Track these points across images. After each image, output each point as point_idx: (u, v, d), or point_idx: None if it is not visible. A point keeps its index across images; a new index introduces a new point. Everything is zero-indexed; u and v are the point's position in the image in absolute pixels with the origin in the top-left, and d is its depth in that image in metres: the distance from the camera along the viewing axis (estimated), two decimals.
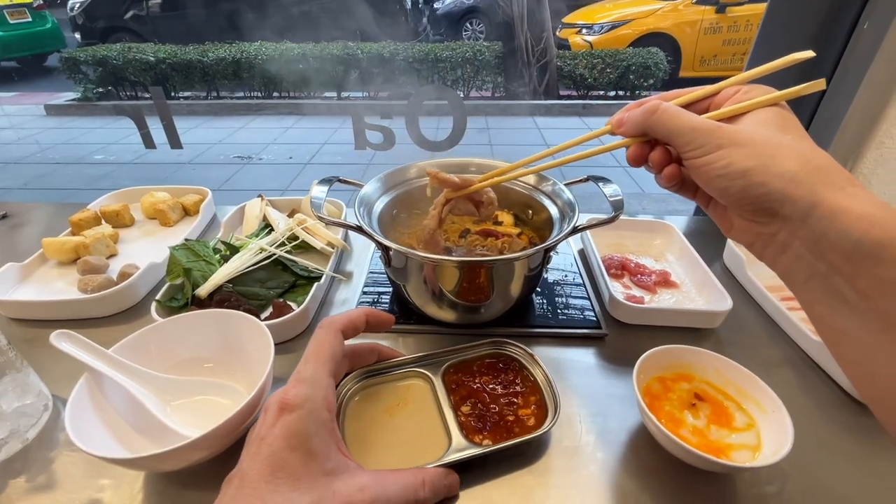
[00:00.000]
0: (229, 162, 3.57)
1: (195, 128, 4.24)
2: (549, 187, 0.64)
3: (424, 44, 5.01)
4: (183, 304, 0.61)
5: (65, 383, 0.52)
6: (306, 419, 0.31)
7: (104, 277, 0.66)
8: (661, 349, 0.49)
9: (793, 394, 0.54)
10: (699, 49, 4.91)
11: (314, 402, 0.32)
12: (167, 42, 5.07)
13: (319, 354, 0.35)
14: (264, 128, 4.31)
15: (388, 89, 4.82)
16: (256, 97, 4.92)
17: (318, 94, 4.94)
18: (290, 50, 4.76)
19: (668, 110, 0.34)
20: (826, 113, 0.85)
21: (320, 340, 0.36)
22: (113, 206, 0.83)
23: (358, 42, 4.97)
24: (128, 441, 0.44)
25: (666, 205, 2.85)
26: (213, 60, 4.74)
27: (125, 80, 4.82)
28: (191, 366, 0.50)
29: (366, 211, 0.60)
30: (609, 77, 4.57)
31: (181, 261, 0.62)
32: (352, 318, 0.40)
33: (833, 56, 0.82)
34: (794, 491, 0.44)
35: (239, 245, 0.69)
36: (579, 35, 5.26)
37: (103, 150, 3.79)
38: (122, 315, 0.65)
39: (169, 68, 4.76)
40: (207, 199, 0.87)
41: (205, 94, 4.96)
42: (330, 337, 0.37)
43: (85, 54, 4.72)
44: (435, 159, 0.68)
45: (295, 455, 0.30)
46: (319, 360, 0.35)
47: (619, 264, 0.71)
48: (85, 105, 4.61)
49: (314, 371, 0.34)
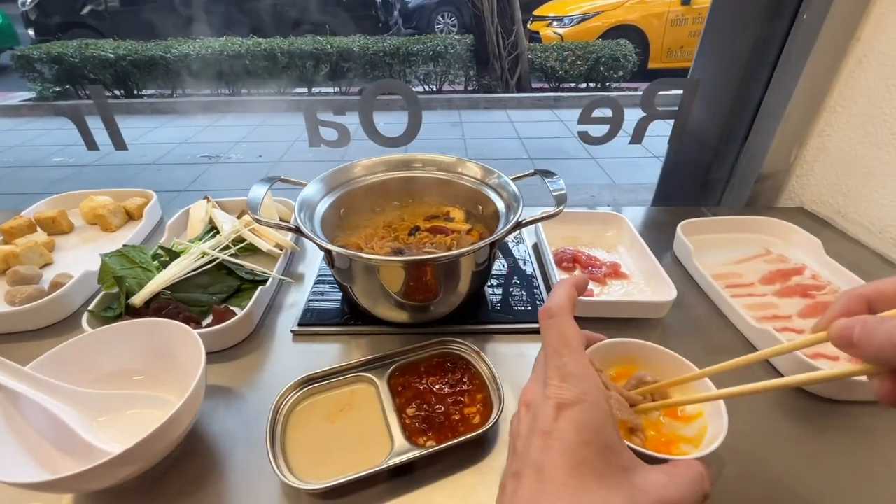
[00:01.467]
0: (196, 162, 3.46)
1: (160, 126, 4.10)
2: (495, 180, 0.64)
3: (395, 37, 4.96)
4: (118, 313, 0.58)
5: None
6: (591, 411, 0.28)
7: (34, 288, 0.63)
8: (606, 343, 0.47)
9: (733, 380, 0.55)
10: (666, 41, 4.99)
11: (594, 394, 0.28)
12: (127, 38, 4.88)
13: (572, 344, 0.30)
14: (232, 126, 4.19)
15: (359, 84, 4.76)
16: (223, 94, 4.79)
17: (288, 90, 4.83)
18: (258, 45, 4.64)
19: None
20: (771, 101, 0.87)
21: (563, 330, 0.31)
22: (48, 213, 0.79)
23: (327, 36, 4.88)
24: (51, 463, 0.42)
25: (636, 195, 2.90)
26: (177, 57, 4.58)
27: (84, 79, 4.62)
28: (119, 379, 0.48)
29: (307, 213, 0.58)
30: (580, 69, 4.61)
31: (114, 268, 0.59)
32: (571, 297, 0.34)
33: (776, 46, 0.84)
34: (729, 476, 0.44)
35: (180, 250, 0.66)
36: (550, 27, 5.28)
37: (62, 151, 3.64)
38: (55, 328, 0.61)
39: (130, 65, 4.59)
40: (152, 203, 0.84)
41: (170, 93, 4.80)
42: (569, 323, 0.32)
43: (39, 52, 4.51)
44: (379, 157, 0.66)
45: (591, 450, 0.27)
46: (574, 349, 0.30)
47: (570, 257, 0.71)
48: (40, 105, 4.40)
49: (576, 363, 0.30)
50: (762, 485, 0.44)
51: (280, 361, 0.58)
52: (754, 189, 0.91)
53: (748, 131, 0.91)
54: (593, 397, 0.28)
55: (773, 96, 0.85)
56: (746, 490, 0.43)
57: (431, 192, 0.69)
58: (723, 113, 0.93)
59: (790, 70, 0.82)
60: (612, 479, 0.27)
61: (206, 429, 0.49)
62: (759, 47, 0.85)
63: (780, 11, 0.81)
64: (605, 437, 0.27)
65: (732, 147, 0.94)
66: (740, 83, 0.89)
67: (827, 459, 0.46)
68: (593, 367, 0.31)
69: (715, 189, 1.00)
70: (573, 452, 0.27)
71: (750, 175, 0.91)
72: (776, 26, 0.82)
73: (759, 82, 0.87)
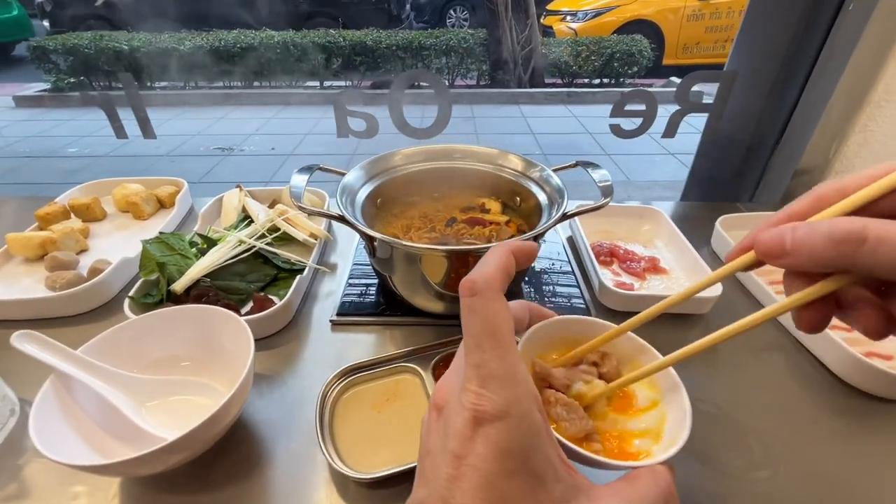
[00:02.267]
0: (209, 154, 3.48)
1: (172, 119, 4.12)
2: (538, 173, 0.63)
3: (408, 31, 4.93)
4: (158, 300, 0.58)
5: (34, 387, 0.50)
6: (517, 430, 0.22)
7: (73, 274, 0.63)
8: (546, 323, 0.35)
9: (782, 377, 0.54)
10: (682, 36, 4.93)
11: (521, 405, 0.22)
12: (142, 30, 4.89)
13: (496, 335, 0.23)
14: (245, 118, 4.20)
15: (372, 78, 4.74)
16: (236, 87, 4.80)
17: (300, 83, 4.83)
18: (270, 38, 4.63)
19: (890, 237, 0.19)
20: (811, 96, 0.85)
21: (487, 315, 0.23)
22: (82, 200, 0.79)
23: (340, 29, 4.87)
24: (101, 446, 0.42)
25: (651, 192, 2.87)
26: (191, 49, 4.59)
27: (98, 70, 4.65)
28: (166, 365, 0.48)
29: (349, 200, 0.57)
30: (594, 64, 4.56)
31: (155, 255, 0.59)
32: (502, 267, 0.26)
33: (818, 39, 0.81)
34: (787, 476, 0.43)
35: (216, 238, 0.66)
36: (564, 22, 5.23)
37: (77, 142, 3.66)
38: (94, 313, 0.62)
39: (144, 57, 4.60)
40: (183, 191, 0.84)
41: (182, 84, 4.81)
42: (498, 304, 0.24)
43: (54, 43, 4.53)
44: (419, 146, 0.66)
45: (515, 483, 0.21)
46: (501, 341, 0.23)
47: (608, 251, 0.70)
48: (57, 96, 4.43)
49: (501, 360, 0.23)
50: (814, 482, 0.43)
51: (319, 350, 0.58)
52: (790, 185, 0.89)
53: (785, 125, 0.89)
54: (521, 410, 0.22)
55: (814, 90, 0.83)
56: (800, 487, 0.42)
57: (469, 184, 0.68)
58: (759, 106, 0.91)
59: (833, 63, 0.80)
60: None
61: (251, 416, 0.49)
62: (801, 39, 0.83)
63: (823, 2, 0.79)
64: (534, 464, 0.22)
65: (768, 141, 0.92)
66: (778, 76, 0.87)
67: (877, 458, 0.45)
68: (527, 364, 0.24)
69: (748, 184, 0.98)
70: (491, 487, 0.21)
71: (786, 170, 0.89)
72: (819, 17, 0.80)
73: (799, 75, 0.85)
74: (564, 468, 0.23)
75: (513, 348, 0.23)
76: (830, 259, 0.20)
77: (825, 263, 0.21)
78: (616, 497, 0.23)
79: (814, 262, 0.21)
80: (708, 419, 0.49)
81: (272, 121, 4.13)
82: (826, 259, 0.20)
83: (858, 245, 0.19)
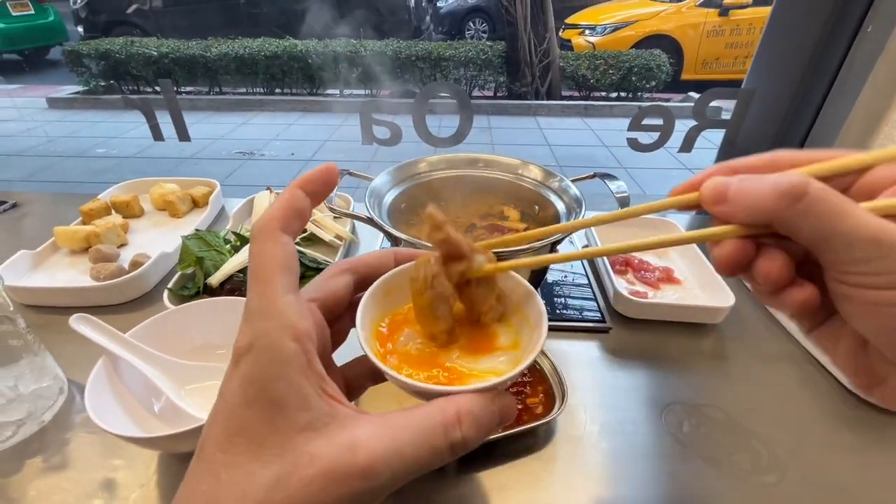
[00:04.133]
0: (231, 157, 3.57)
1: (197, 123, 4.24)
2: (557, 183, 0.65)
3: (427, 42, 5.02)
4: (194, 292, 0.62)
5: (76, 369, 0.54)
6: (261, 359, 0.22)
7: (116, 266, 0.67)
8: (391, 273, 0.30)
9: (793, 387, 0.55)
10: (701, 52, 4.93)
11: (269, 335, 0.22)
12: (170, 37, 5.07)
13: (259, 274, 0.24)
14: (267, 124, 4.31)
15: (391, 87, 4.83)
16: (258, 93, 4.93)
17: (321, 91, 4.94)
18: (294, 46, 4.76)
19: (827, 202, 0.20)
20: (829, 113, 0.86)
21: (254, 256, 0.24)
22: (123, 197, 0.84)
23: (361, 39, 4.98)
24: (143, 423, 0.45)
25: None
26: (217, 56, 4.74)
27: (127, 74, 4.82)
28: (204, 352, 0.51)
29: (376, 202, 0.61)
30: (612, 78, 4.58)
31: (193, 250, 0.62)
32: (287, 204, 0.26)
33: (836, 58, 0.83)
34: (793, 480, 0.45)
35: (249, 236, 0.69)
36: (582, 36, 5.27)
37: (105, 143, 3.79)
38: (133, 303, 0.66)
39: (172, 63, 4.76)
40: (216, 192, 0.88)
41: (207, 90, 4.96)
42: (267, 245, 0.24)
43: (87, 48, 4.72)
44: (444, 154, 0.69)
45: (254, 410, 0.21)
46: (261, 279, 0.23)
47: (623, 261, 0.72)
48: (88, 98, 4.60)
49: (260, 297, 0.23)
50: (821, 491, 0.44)
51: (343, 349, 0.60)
52: None
53: (802, 143, 0.90)
54: (267, 341, 0.22)
55: (832, 108, 0.85)
56: (807, 495, 0.44)
57: (489, 192, 0.71)
58: (776, 123, 0.92)
59: (851, 82, 0.81)
60: (273, 447, 0.21)
61: None
62: (819, 58, 0.85)
63: (842, 22, 0.80)
64: (277, 391, 0.21)
65: None
66: (796, 93, 0.89)
67: (887, 470, 0.46)
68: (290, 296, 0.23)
69: None
70: (232, 418, 0.21)
71: None
72: (838, 37, 0.82)
73: (817, 93, 0.86)
74: (319, 397, 0.22)
75: (273, 285, 0.23)
76: (767, 211, 0.21)
77: (758, 215, 0.21)
78: (373, 424, 0.22)
79: (748, 212, 0.22)
80: (717, 424, 0.50)
81: (292, 127, 4.23)
82: (762, 210, 0.21)
83: (797, 199, 0.20)
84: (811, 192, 0.20)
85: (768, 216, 0.21)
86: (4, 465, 0.45)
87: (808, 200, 0.20)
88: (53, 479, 0.44)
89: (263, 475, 0.20)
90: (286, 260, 0.24)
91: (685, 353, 0.60)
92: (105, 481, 0.44)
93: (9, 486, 0.43)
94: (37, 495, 0.43)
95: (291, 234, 0.25)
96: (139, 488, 0.43)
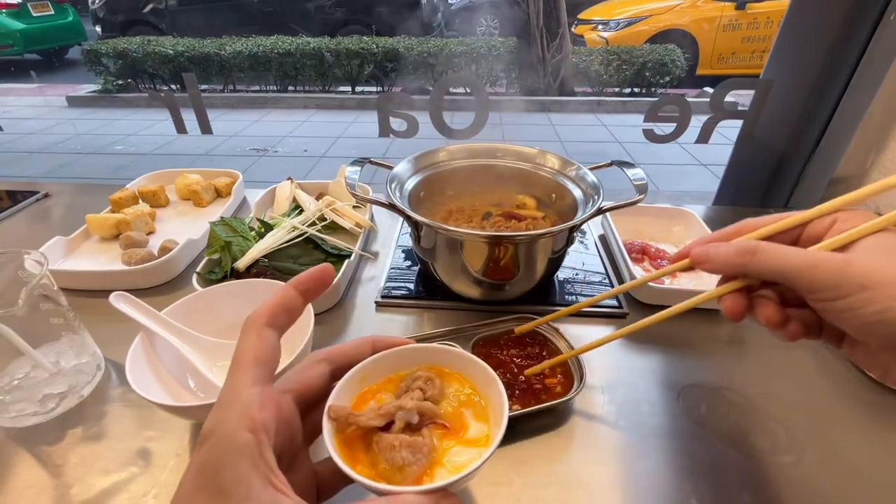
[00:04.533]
0: (245, 154, 3.62)
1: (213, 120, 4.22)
2: (574, 171, 0.66)
3: (439, 39, 5.03)
4: (221, 276, 0.64)
5: (111, 347, 0.56)
6: (215, 447, 0.23)
7: (146, 251, 0.69)
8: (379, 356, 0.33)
9: (810, 372, 0.55)
10: (717, 46, 4.86)
11: (226, 425, 0.24)
12: (185, 35, 5.15)
13: (236, 364, 0.26)
14: (280, 121, 4.36)
15: (403, 84, 4.85)
16: (272, 90, 4.98)
17: (333, 88, 4.97)
18: (306, 44, 4.80)
19: (772, 251, 0.29)
20: (849, 104, 0.85)
21: (238, 347, 0.27)
22: (150, 187, 0.86)
23: (373, 36, 5.00)
24: (177, 395, 0.48)
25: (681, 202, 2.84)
26: (231, 54, 4.80)
27: (144, 73, 4.91)
28: (234, 331, 0.52)
29: (397, 188, 0.62)
30: (625, 74, 4.55)
31: (221, 235, 0.65)
32: (277, 302, 0.29)
33: (858, 47, 0.82)
34: (811, 461, 0.45)
35: (273, 223, 0.72)
36: (595, 31, 5.23)
37: (123, 140, 3.87)
38: (162, 287, 0.68)
39: (187, 61, 4.83)
40: (239, 182, 0.90)
41: (222, 87, 5.02)
42: (250, 339, 0.27)
43: (106, 47, 4.81)
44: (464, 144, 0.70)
45: (202, 498, 0.23)
46: (236, 370, 0.26)
47: (639, 249, 0.73)
48: (105, 96, 4.70)
49: (230, 387, 0.26)
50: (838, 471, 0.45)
51: (365, 328, 0.62)
52: (825, 193, 0.89)
53: (821, 134, 0.90)
54: (225, 429, 0.24)
55: (852, 99, 0.84)
56: (824, 475, 0.44)
57: (508, 180, 0.72)
58: (795, 115, 0.92)
59: (872, 73, 0.80)
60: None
61: None
62: (839, 49, 0.84)
63: (863, 12, 0.80)
64: (223, 482, 0.23)
65: (803, 150, 0.93)
66: (815, 84, 0.88)
67: None
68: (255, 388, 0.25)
69: (781, 192, 0.99)
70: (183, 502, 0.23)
71: (822, 178, 0.90)
72: (858, 27, 0.81)
73: (837, 84, 0.85)
74: (264, 488, 0.23)
75: (244, 376, 0.26)
76: (737, 265, 0.31)
77: (733, 268, 0.31)
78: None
79: (726, 266, 0.32)
80: (735, 407, 0.51)
81: (305, 124, 4.27)
82: (734, 265, 0.31)
83: (752, 254, 0.30)
84: (760, 247, 0.30)
85: (740, 269, 0.31)
86: (49, 434, 0.47)
87: (759, 253, 0.30)
88: (94, 448, 0.46)
89: None
90: (264, 353, 0.27)
91: (702, 338, 0.60)
92: (141, 450, 0.46)
93: (53, 453, 0.46)
94: (79, 462, 0.45)
95: (278, 328, 0.29)
96: (175, 457, 0.45)
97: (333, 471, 0.30)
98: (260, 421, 0.24)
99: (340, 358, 0.32)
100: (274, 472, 0.24)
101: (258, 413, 0.25)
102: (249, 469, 0.23)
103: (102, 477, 0.44)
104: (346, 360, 0.32)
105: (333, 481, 0.31)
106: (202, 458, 0.24)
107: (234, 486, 0.23)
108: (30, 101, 4.94)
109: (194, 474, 0.23)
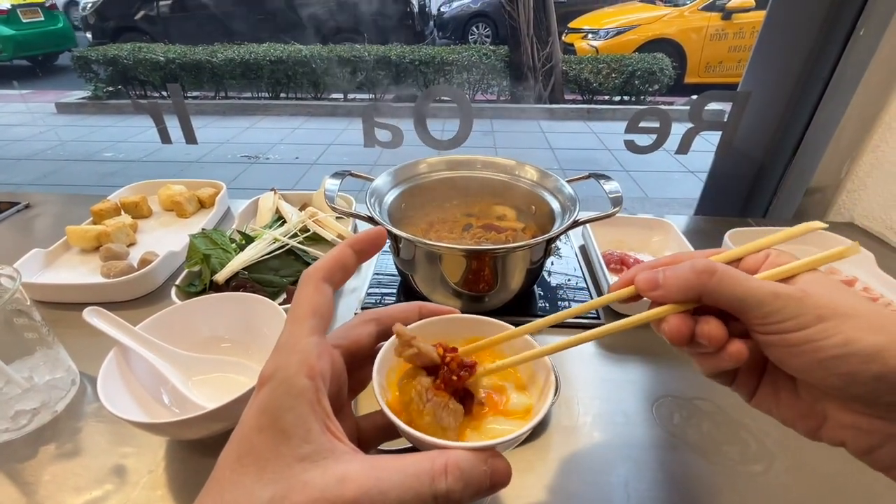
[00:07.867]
0: (237, 161, 3.61)
1: (204, 127, 4.29)
2: (552, 183, 0.67)
3: (431, 47, 5.06)
4: (200, 289, 0.64)
5: (87, 362, 0.56)
6: (276, 391, 0.24)
7: (126, 263, 0.69)
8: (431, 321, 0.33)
9: None
10: (704, 55, 4.94)
11: (286, 370, 0.25)
12: (177, 42, 5.14)
13: (295, 313, 0.27)
14: (271, 128, 4.36)
15: (395, 92, 4.87)
16: (263, 98, 4.98)
17: (325, 95, 4.98)
18: (298, 51, 4.81)
19: (732, 273, 0.27)
20: (823, 116, 0.87)
21: (296, 298, 0.28)
22: (132, 198, 0.86)
23: (364, 44, 5.03)
24: (151, 411, 0.47)
25: (668, 208, 2.88)
26: (222, 61, 4.80)
27: (135, 80, 4.89)
28: (210, 345, 0.53)
29: (377, 202, 0.62)
30: (614, 82, 4.60)
31: (200, 248, 0.65)
32: (334, 258, 0.30)
33: (831, 61, 0.85)
34: (780, 469, 0.46)
35: (254, 235, 0.72)
36: (585, 40, 5.30)
37: (112, 147, 3.85)
38: (142, 300, 0.68)
39: (178, 68, 4.83)
40: (222, 193, 0.90)
41: (213, 94, 5.02)
42: (308, 290, 0.28)
43: (96, 53, 4.80)
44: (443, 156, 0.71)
45: (263, 436, 0.23)
46: (294, 319, 0.27)
47: (618, 259, 0.73)
48: (95, 103, 4.67)
49: (288, 334, 0.26)
50: (807, 479, 0.45)
51: None
52: (802, 203, 0.91)
53: (798, 145, 0.92)
54: (285, 374, 0.24)
55: (826, 110, 0.86)
56: (793, 483, 0.45)
57: (487, 192, 0.73)
58: (772, 126, 0.94)
59: (844, 85, 0.83)
60: (274, 471, 0.23)
61: None
62: (813, 61, 0.86)
63: (835, 26, 0.82)
64: (285, 422, 0.23)
65: (780, 160, 0.95)
66: (791, 96, 0.90)
67: None
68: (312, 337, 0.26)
69: (760, 202, 1.00)
70: (244, 441, 0.24)
71: (798, 188, 0.92)
72: (831, 41, 0.83)
73: (811, 96, 0.87)
74: (322, 432, 0.24)
75: (302, 325, 0.26)
76: (692, 287, 0.27)
77: (686, 292, 0.27)
78: (366, 463, 0.24)
79: (679, 290, 0.28)
80: (707, 416, 0.52)
81: (297, 131, 4.27)
82: (689, 287, 0.27)
83: (711, 275, 0.27)
84: (719, 268, 0.27)
85: (696, 291, 0.27)
86: (21, 451, 0.47)
87: (718, 274, 0.27)
88: (66, 465, 0.46)
89: (260, 496, 0.22)
90: (320, 306, 0.28)
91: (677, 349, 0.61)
92: (115, 467, 0.46)
93: (25, 470, 0.45)
94: (51, 479, 0.45)
95: (333, 284, 0.29)
96: (148, 474, 0.45)
97: (374, 426, 0.32)
98: (318, 369, 0.25)
99: (388, 320, 0.32)
100: (330, 419, 0.25)
101: (316, 361, 0.25)
102: (308, 413, 0.24)
103: (75, 495, 0.43)
104: (393, 323, 0.32)
105: (372, 435, 0.32)
106: (263, 400, 0.24)
107: (295, 427, 0.23)
108: (18, 107, 4.90)
109: (255, 413, 0.24)
